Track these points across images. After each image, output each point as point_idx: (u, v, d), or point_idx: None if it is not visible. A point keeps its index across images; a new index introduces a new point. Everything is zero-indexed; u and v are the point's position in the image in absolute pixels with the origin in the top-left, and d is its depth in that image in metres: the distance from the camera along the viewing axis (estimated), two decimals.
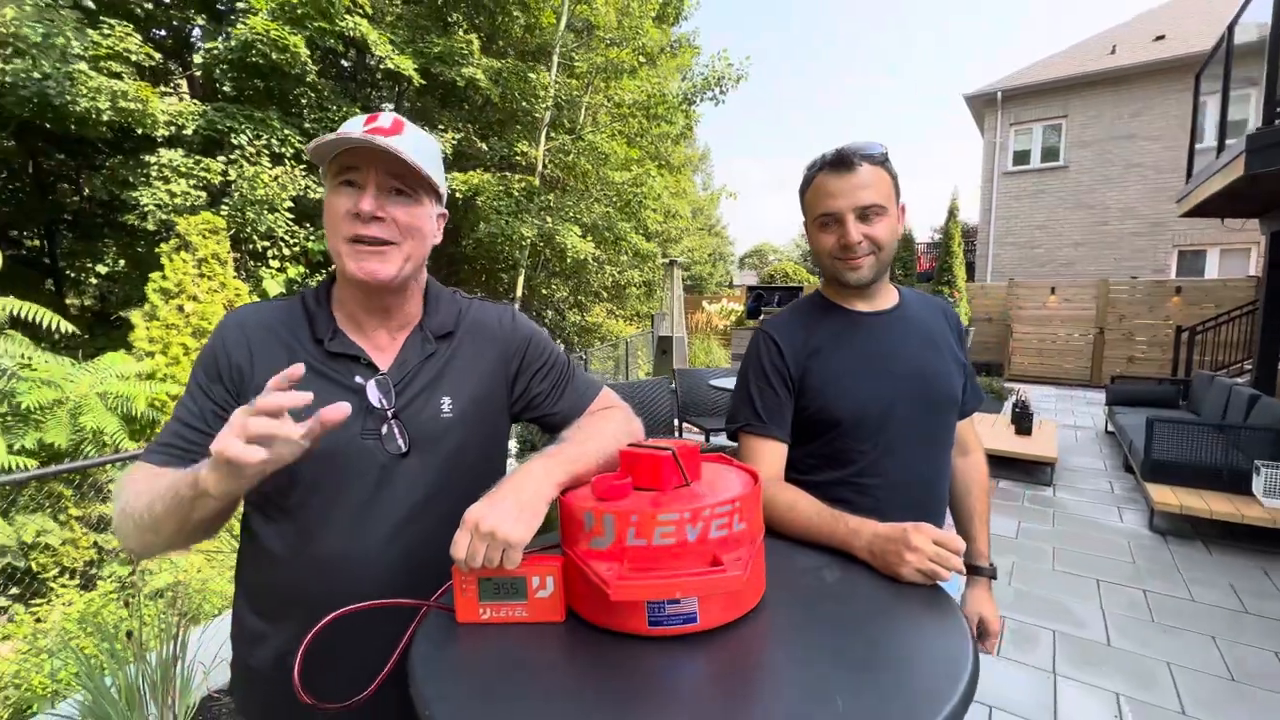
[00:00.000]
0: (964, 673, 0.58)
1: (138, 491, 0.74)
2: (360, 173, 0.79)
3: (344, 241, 0.79)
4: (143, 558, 0.89)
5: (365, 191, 0.79)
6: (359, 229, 0.79)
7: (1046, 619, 2.67)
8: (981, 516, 1.24)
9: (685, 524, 0.66)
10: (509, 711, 0.57)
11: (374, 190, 0.79)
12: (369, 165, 0.79)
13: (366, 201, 0.78)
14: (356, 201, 0.79)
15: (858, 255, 1.03)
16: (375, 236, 0.80)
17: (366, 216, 0.79)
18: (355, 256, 0.80)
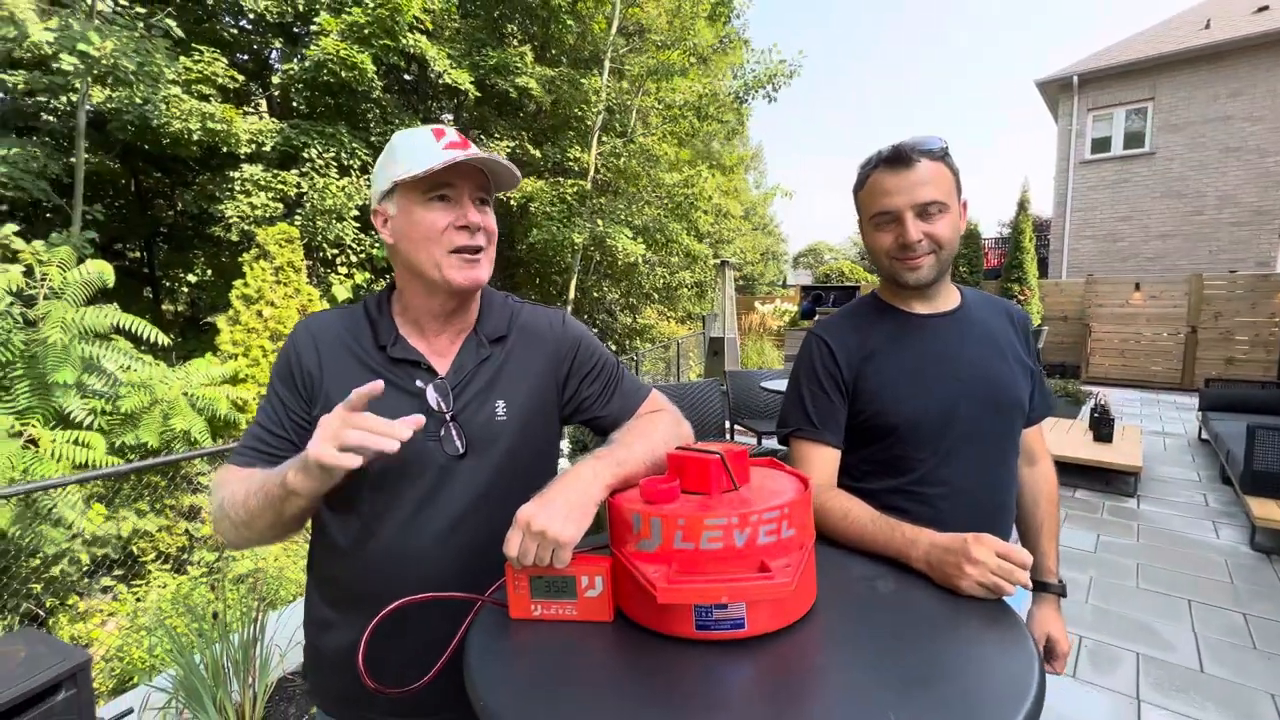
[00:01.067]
0: (1029, 693, 0.55)
1: (232, 491, 0.81)
2: (455, 189, 0.83)
3: (446, 253, 0.83)
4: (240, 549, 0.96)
5: (463, 206, 0.83)
6: (464, 240, 0.83)
7: (1129, 640, 2.48)
8: (1050, 530, 1.17)
9: (733, 529, 0.65)
10: (558, 703, 0.59)
11: (471, 204, 0.83)
12: (463, 180, 0.83)
13: (472, 214, 0.83)
14: (457, 215, 0.82)
15: (917, 255, 0.99)
16: (477, 245, 0.84)
17: (475, 228, 0.83)
18: (460, 267, 0.84)
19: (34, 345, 4.06)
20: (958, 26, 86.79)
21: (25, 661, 1.70)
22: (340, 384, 0.84)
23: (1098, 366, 9.97)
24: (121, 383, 4.04)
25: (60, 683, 1.68)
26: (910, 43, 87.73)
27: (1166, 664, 2.32)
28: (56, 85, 4.59)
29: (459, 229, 0.83)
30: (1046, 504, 1.17)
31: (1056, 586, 1.15)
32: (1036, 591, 1.16)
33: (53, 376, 3.92)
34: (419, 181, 0.81)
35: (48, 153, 4.97)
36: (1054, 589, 1.15)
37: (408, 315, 0.91)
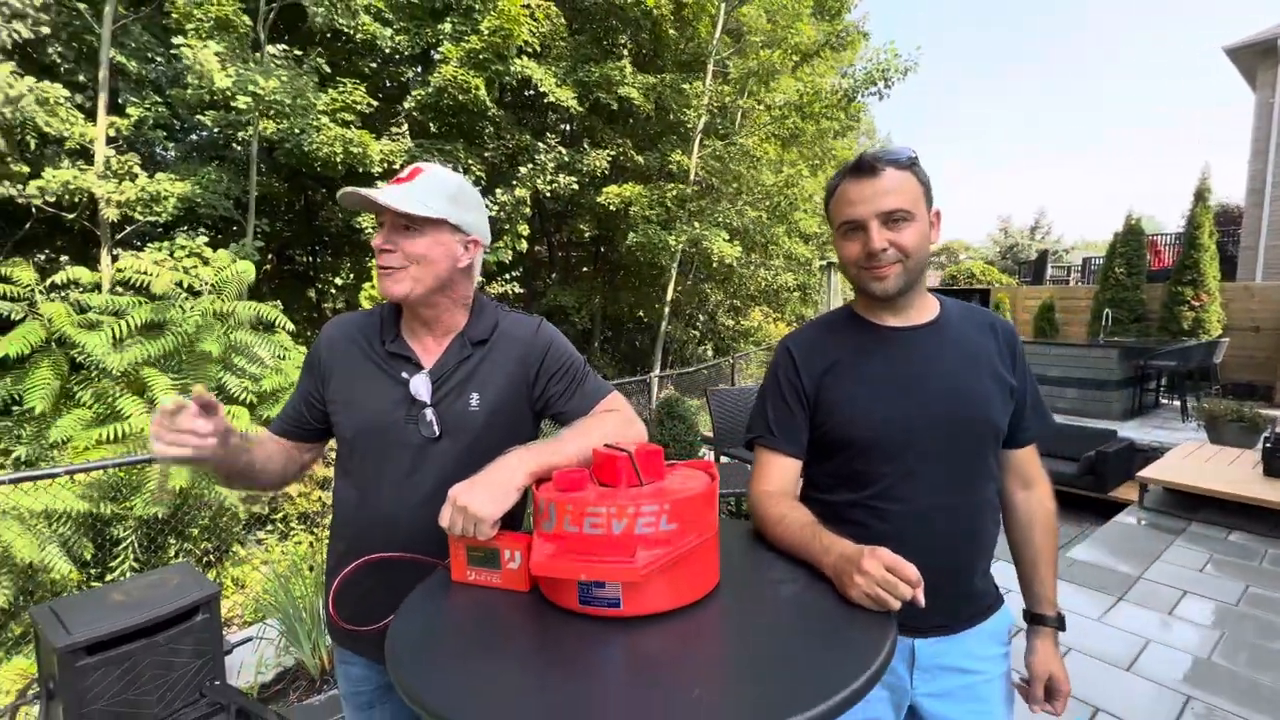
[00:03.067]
0: (839, 693, 0.57)
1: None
2: (382, 215, 1.00)
3: (379, 266, 1.01)
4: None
5: (389, 231, 0.99)
6: (383, 260, 0.99)
7: (1253, 709, 2.11)
8: (1047, 559, 1.08)
9: (611, 518, 0.73)
10: (444, 651, 0.71)
11: (387, 229, 0.99)
12: (384, 212, 0.99)
13: (378, 238, 1.00)
14: (381, 239, 1.00)
15: (883, 264, 0.97)
16: (387, 265, 0.99)
17: (379, 250, 1.00)
18: (385, 277, 1.00)
19: (198, 331, 4.95)
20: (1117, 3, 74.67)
21: (177, 586, 2.15)
22: (343, 370, 1.05)
23: None
24: (270, 368, 4.81)
25: (199, 606, 2.11)
26: (1063, 24, 77.40)
27: None
28: (236, 122, 5.57)
29: (381, 251, 0.99)
30: (1042, 532, 1.09)
31: (1054, 620, 1.07)
32: (1033, 625, 1.09)
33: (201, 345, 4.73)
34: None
35: (231, 177, 6.04)
36: (1051, 622, 1.07)
37: (406, 320, 1.08)
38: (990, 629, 1.05)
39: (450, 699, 0.61)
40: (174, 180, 5.75)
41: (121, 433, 4.24)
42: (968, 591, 1.03)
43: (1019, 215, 43.84)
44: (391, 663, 0.69)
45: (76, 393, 4.45)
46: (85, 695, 1.87)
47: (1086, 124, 78.32)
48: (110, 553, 4.20)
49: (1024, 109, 78.14)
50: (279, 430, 1.10)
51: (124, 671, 1.94)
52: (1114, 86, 79.92)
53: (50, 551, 3.63)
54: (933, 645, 1.01)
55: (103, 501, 4.15)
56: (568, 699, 0.61)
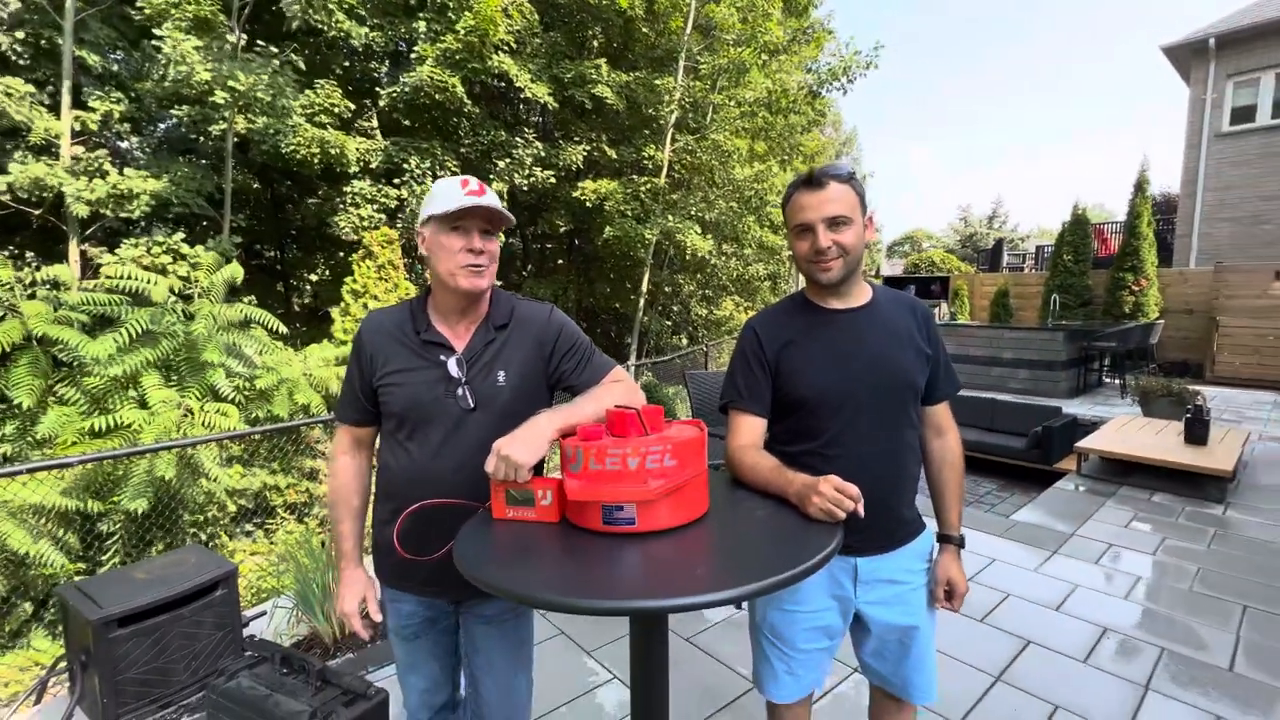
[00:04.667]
0: (801, 565, 0.81)
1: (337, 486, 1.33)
2: (466, 223, 1.18)
3: (459, 266, 1.18)
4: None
5: (471, 235, 1.18)
6: (470, 259, 1.18)
7: (1159, 637, 2.45)
8: (953, 492, 1.35)
9: (626, 456, 0.95)
10: (505, 563, 0.92)
11: (477, 234, 1.19)
12: (472, 219, 1.18)
13: (476, 241, 1.19)
14: (467, 241, 1.18)
15: (828, 259, 1.21)
16: (479, 263, 1.19)
17: (477, 251, 1.19)
18: (468, 276, 1.19)
19: (193, 334, 5.01)
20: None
21: (195, 565, 2.29)
22: (387, 357, 1.23)
23: (1226, 365, 8.94)
24: (258, 365, 4.89)
25: (217, 582, 2.26)
26: (1017, 15, 79.46)
27: (1192, 660, 2.29)
28: (209, 116, 5.55)
29: (468, 251, 1.18)
30: (950, 470, 1.35)
31: (956, 539, 1.34)
32: (940, 543, 1.35)
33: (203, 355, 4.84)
34: (446, 217, 1.17)
35: (203, 173, 6.01)
36: (953, 540, 1.33)
37: (437, 310, 1.27)
38: (915, 549, 1.31)
39: (509, 582, 0.83)
40: (145, 177, 5.70)
41: (107, 426, 4.28)
42: (897, 517, 1.28)
43: (979, 205, 45.31)
44: (462, 564, 0.89)
45: (60, 390, 4.46)
46: (119, 664, 2.02)
47: (1049, 116, 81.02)
48: (99, 547, 4.25)
49: (993, 102, 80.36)
50: (353, 421, 1.30)
51: (153, 642, 2.09)
52: (1077, 82, 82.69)
53: (43, 545, 3.68)
54: (871, 563, 1.27)
55: (86, 496, 4.19)
56: (595, 577, 0.83)
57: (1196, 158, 11.19)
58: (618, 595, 0.81)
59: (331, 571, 2.55)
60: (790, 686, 1.35)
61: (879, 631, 1.31)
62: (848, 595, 1.30)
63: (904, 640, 1.31)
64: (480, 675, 1.28)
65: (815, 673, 1.36)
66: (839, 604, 1.31)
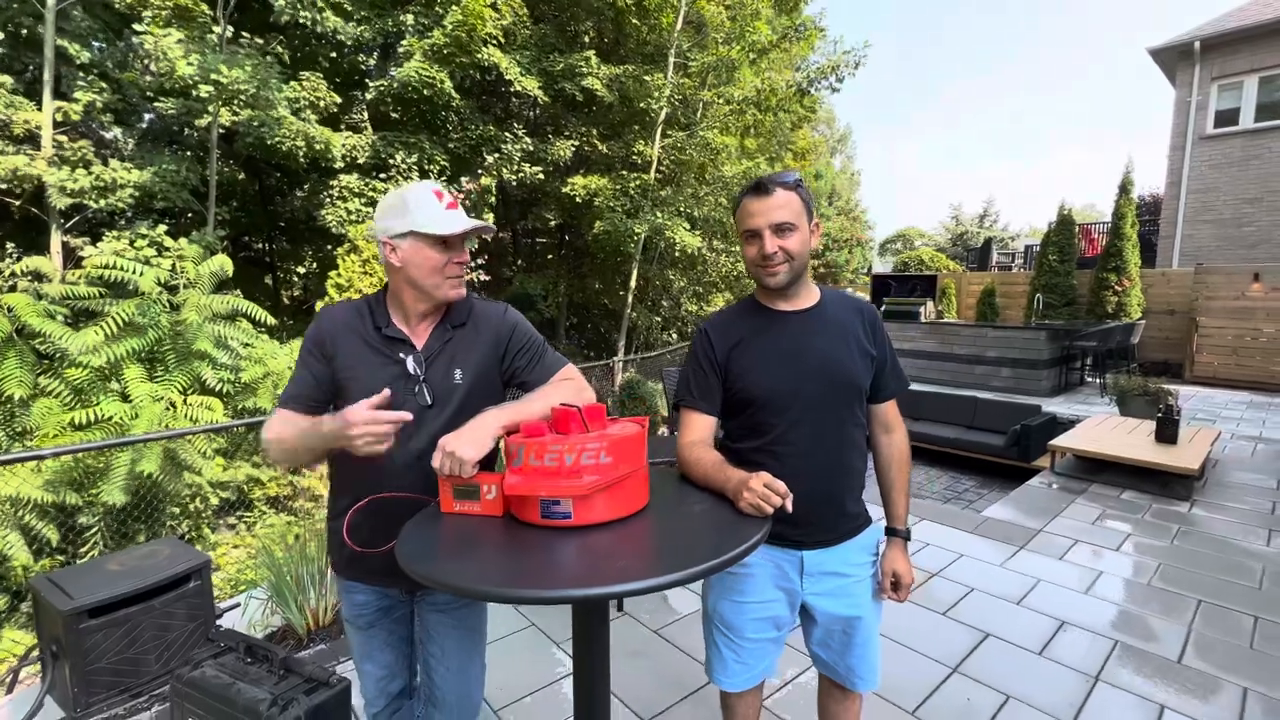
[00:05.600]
0: (724, 555, 0.85)
1: (282, 426, 1.23)
2: (453, 239, 1.23)
3: (444, 279, 1.24)
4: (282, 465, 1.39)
5: (456, 249, 1.24)
6: (456, 271, 1.25)
7: (1114, 630, 2.53)
8: (900, 487, 1.39)
9: (564, 453, 0.99)
10: (444, 554, 0.95)
11: (458, 246, 1.25)
12: (457, 235, 1.23)
13: (465, 256, 1.26)
14: (453, 255, 1.23)
15: (775, 263, 1.25)
16: (459, 275, 1.26)
17: (463, 264, 1.25)
18: (455, 286, 1.26)
19: (177, 325, 5.00)
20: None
21: (168, 557, 2.32)
22: (346, 353, 1.25)
23: (1205, 365, 9.07)
24: (244, 358, 4.89)
25: (191, 574, 2.29)
26: (1015, 13, 79.63)
27: (1142, 652, 2.36)
28: (195, 109, 5.52)
29: (454, 264, 1.24)
30: (896, 467, 1.40)
31: (903, 532, 1.39)
32: (887, 536, 1.40)
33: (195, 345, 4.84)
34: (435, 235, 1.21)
35: (188, 165, 5.98)
36: (900, 534, 1.38)
37: (399, 309, 1.30)
38: (861, 543, 1.36)
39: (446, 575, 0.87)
40: (129, 169, 5.67)
41: (89, 419, 4.27)
42: (842, 512, 1.33)
43: (971, 204, 45.52)
44: (402, 559, 0.92)
45: (42, 382, 4.45)
46: (89, 655, 2.05)
47: (1045, 116, 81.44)
48: (77, 540, 4.25)
49: (989, 101, 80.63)
50: (300, 410, 1.28)
51: (124, 633, 2.12)
52: (1074, 82, 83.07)
53: (11, 539, 3.68)
54: (817, 555, 1.31)
55: (65, 489, 4.19)
56: (525, 568, 0.87)
57: (1181, 160, 11.31)
58: (544, 586, 0.84)
59: (304, 564, 2.58)
60: (739, 675, 1.39)
61: (824, 622, 1.36)
62: (794, 587, 1.34)
63: (848, 630, 1.36)
64: (434, 663, 1.32)
65: (764, 662, 1.40)
66: (786, 595, 1.35)
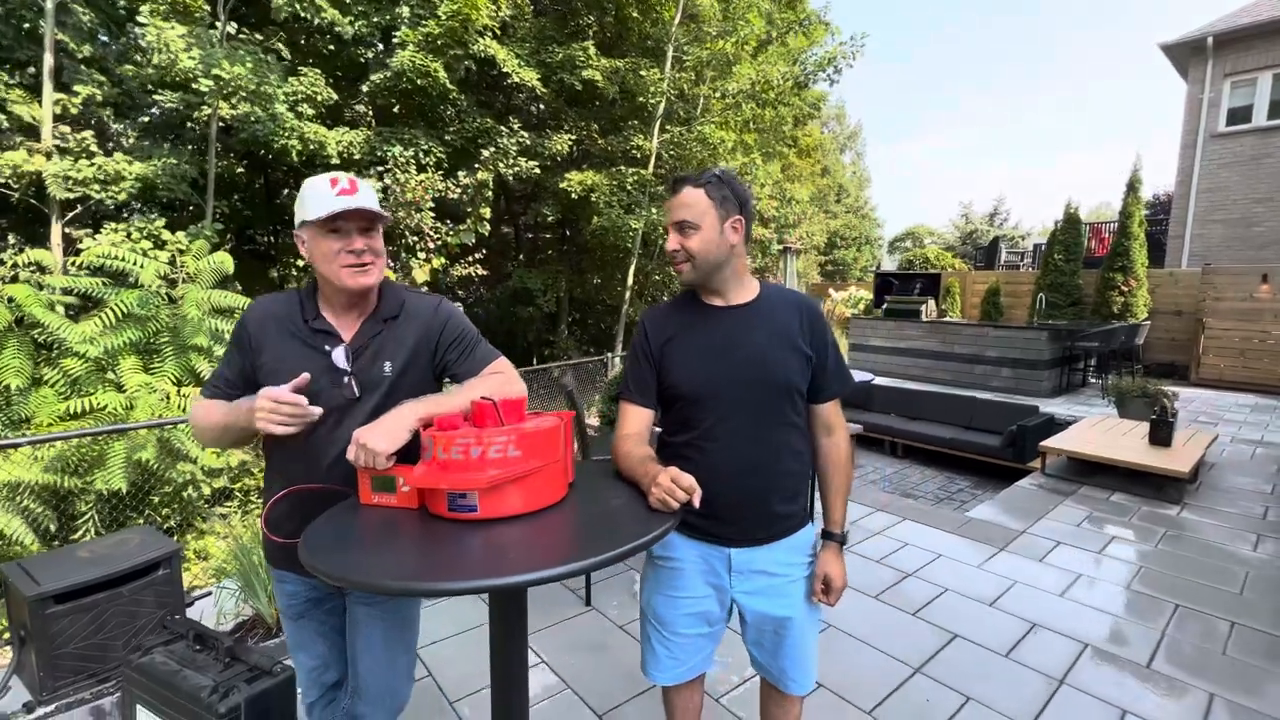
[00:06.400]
0: (620, 548, 0.85)
1: (207, 412, 1.26)
2: (344, 225, 1.21)
3: (341, 267, 1.21)
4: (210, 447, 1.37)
5: (349, 236, 1.21)
6: (351, 260, 1.21)
7: (1085, 633, 2.50)
8: (838, 490, 1.37)
9: (470, 446, 0.98)
10: (350, 545, 0.96)
11: (355, 232, 1.22)
12: (349, 219, 1.21)
13: (357, 242, 1.21)
14: (346, 243, 1.20)
15: (676, 261, 1.28)
16: (363, 262, 1.22)
17: (359, 251, 1.21)
18: (353, 275, 1.22)
19: (175, 319, 5.06)
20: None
21: (138, 545, 2.35)
22: (273, 345, 1.25)
23: (1211, 367, 8.93)
24: None
25: (160, 562, 2.31)
26: (1031, 8, 77.94)
27: (1111, 656, 2.33)
28: (195, 103, 5.57)
29: (348, 252, 1.21)
30: (835, 469, 1.38)
31: (839, 535, 1.36)
32: (823, 539, 1.38)
33: (192, 340, 4.90)
34: (320, 222, 1.19)
35: (187, 158, 6.04)
36: (836, 537, 1.36)
37: (326, 302, 1.30)
38: (793, 543, 1.34)
39: (344, 569, 0.86)
40: (130, 160, 5.73)
41: (85, 409, 4.33)
42: (770, 512, 1.31)
43: (982, 202, 45.06)
44: (302, 552, 0.92)
45: (39, 371, 4.53)
46: (56, 639, 2.08)
47: (1060, 114, 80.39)
48: (70, 526, 4.32)
49: (1002, 98, 79.68)
50: (211, 396, 1.30)
51: (91, 619, 2.15)
52: (1089, 80, 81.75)
53: (15, 523, 3.75)
54: (745, 554, 1.31)
55: (65, 475, 4.26)
56: (429, 560, 0.87)
57: (1191, 158, 11.12)
58: (437, 577, 0.84)
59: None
60: (671, 669, 1.39)
61: (754, 621, 1.36)
62: (724, 584, 1.34)
63: (779, 631, 1.34)
64: (360, 654, 1.33)
65: (696, 657, 1.40)
66: (716, 592, 1.35)
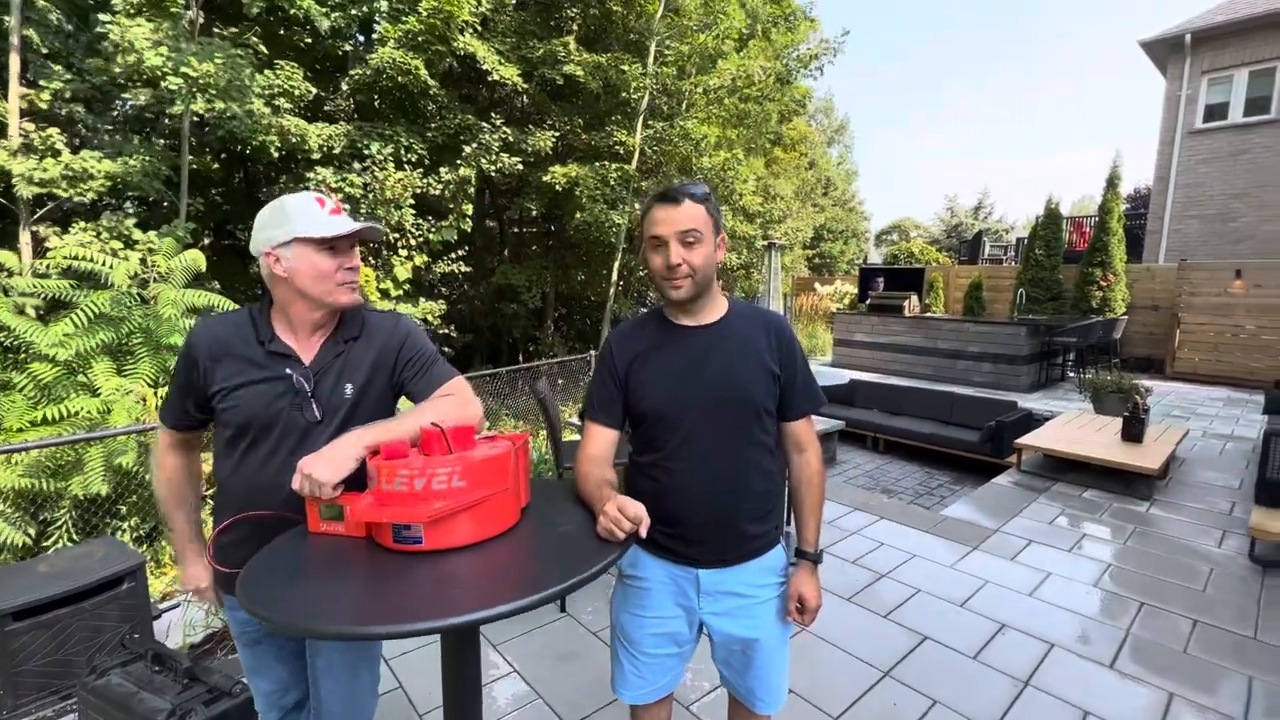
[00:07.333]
0: (563, 583, 0.84)
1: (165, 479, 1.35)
2: (340, 244, 1.22)
3: (336, 285, 1.22)
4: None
5: (346, 254, 1.23)
6: (346, 277, 1.24)
7: (1051, 633, 2.54)
8: (810, 508, 1.37)
9: (413, 477, 0.97)
10: (300, 575, 0.95)
11: (349, 250, 1.24)
12: (345, 239, 1.22)
13: (355, 260, 1.25)
14: (343, 261, 1.23)
15: (679, 276, 1.23)
16: (355, 280, 1.25)
17: (354, 269, 1.24)
18: (348, 293, 1.24)
19: (148, 319, 4.96)
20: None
21: (101, 559, 2.31)
22: (226, 369, 1.23)
23: (1185, 361, 9.10)
24: None
25: (124, 575, 2.28)
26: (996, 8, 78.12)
27: (1076, 656, 2.38)
28: (166, 99, 5.44)
29: (345, 270, 1.23)
30: (807, 487, 1.37)
31: (813, 555, 1.36)
32: (798, 558, 1.38)
33: (167, 339, 4.80)
34: (321, 240, 1.19)
35: (160, 154, 5.91)
36: (810, 556, 1.36)
37: (286, 322, 1.27)
38: (763, 564, 1.34)
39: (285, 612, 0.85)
40: (101, 158, 5.59)
41: (58, 415, 4.24)
42: (739, 532, 1.30)
43: (967, 195, 45.43)
44: (241, 595, 0.89)
45: (12, 378, 4.43)
46: (16, 657, 2.04)
47: (1046, 109, 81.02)
48: (43, 533, 4.24)
49: (989, 92, 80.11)
50: (175, 425, 1.30)
51: (53, 635, 2.11)
52: (1077, 75, 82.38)
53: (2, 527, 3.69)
54: (713, 575, 1.31)
55: (44, 478, 4.17)
56: (378, 599, 0.86)
57: (1170, 154, 11.26)
58: (376, 620, 0.82)
59: None
60: (638, 688, 1.39)
61: (722, 641, 1.36)
62: (692, 605, 1.34)
63: (747, 652, 1.35)
64: (321, 677, 1.32)
65: (664, 677, 1.40)
66: (685, 613, 1.35)
